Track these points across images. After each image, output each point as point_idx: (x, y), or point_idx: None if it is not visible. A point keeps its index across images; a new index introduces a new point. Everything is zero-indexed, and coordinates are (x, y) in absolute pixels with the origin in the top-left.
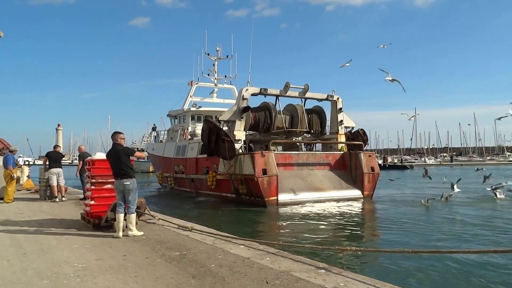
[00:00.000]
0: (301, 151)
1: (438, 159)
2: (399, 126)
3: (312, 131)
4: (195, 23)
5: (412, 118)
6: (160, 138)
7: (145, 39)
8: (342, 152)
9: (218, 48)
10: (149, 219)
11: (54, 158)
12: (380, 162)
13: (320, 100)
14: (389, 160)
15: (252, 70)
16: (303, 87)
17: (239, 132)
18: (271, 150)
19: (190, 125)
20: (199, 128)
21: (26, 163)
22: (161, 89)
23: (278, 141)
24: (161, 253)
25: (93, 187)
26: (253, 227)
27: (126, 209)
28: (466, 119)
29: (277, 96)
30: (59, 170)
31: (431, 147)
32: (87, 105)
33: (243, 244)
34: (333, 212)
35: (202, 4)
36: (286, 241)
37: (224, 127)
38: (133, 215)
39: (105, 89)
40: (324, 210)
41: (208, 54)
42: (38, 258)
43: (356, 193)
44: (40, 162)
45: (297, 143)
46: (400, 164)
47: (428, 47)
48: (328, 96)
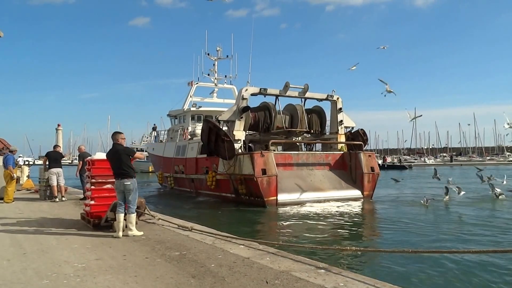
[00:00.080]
0: (301, 151)
1: (438, 159)
2: (399, 126)
3: (312, 131)
4: (195, 23)
5: (413, 120)
6: (160, 138)
7: (145, 39)
8: (342, 152)
9: (218, 48)
10: (149, 219)
11: (54, 158)
12: (380, 162)
13: (320, 100)
14: (388, 160)
15: (252, 70)
16: (303, 87)
17: (239, 132)
18: (270, 150)
19: (190, 125)
20: (199, 128)
21: (26, 163)
22: (161, 89)
23: (278, 141)
24: (161, 253)
25: (93, 187)
26: (253, 227)
27: (126, 209)
28: (466, 119)
29: (277, 96)
30: (59, 170)
31: (430, 147)
32: (87, 105)
33: (243, 244)
34: (333, 212)
35: (202, 4)
36: (286, 241)
37: (224, 127)
38: (133, 215)
39: (105, 89)
40: (324, 210)
41: (208, 54)
42: (38, 258)
43: (356, 193)
44: (40, 162)
45: (297, 143)
46: (399, 164)
47: (428, 47)
48: (328, 96)
